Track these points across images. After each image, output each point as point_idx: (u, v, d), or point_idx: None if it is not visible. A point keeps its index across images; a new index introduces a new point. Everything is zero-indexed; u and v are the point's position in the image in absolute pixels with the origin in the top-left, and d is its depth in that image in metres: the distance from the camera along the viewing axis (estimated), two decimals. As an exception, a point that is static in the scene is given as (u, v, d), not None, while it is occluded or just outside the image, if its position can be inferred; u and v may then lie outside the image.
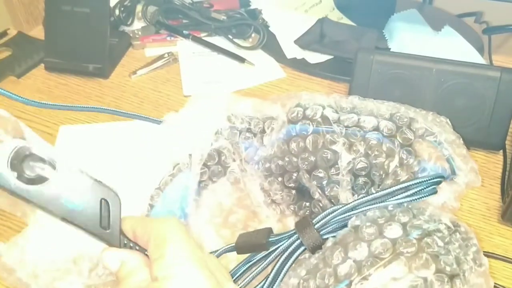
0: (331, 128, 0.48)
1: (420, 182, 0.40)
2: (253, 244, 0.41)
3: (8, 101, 0.71)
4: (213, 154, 0.51)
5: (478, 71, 0.62)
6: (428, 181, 0.40)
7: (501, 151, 0.64)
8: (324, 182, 0.48)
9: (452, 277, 0.35)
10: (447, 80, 0.62)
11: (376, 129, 0.47)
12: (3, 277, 0.42)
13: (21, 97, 0.54)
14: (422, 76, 0.63)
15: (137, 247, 0.35)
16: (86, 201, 0.34)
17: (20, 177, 0.32)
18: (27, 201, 0.33)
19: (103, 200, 0.35)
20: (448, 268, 0.35)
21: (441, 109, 0.62)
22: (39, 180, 0.33)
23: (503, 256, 0.52)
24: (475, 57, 0.75)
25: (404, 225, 0.38)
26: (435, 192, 0.41)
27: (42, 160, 0.34)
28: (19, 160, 0.33)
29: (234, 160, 0.53)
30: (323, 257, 0.38)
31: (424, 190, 0.40)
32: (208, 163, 0.52)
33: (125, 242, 0.35)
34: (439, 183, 0.40)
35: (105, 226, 0.34)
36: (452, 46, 0.77)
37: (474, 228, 0.55)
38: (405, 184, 0.40)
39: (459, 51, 0.76)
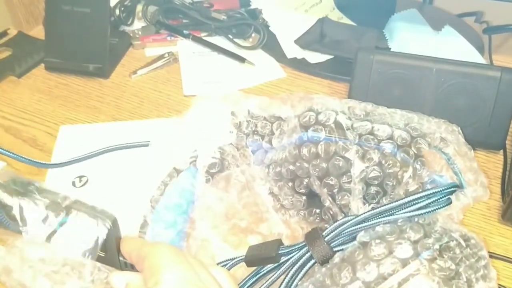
0: (344, 138, 0.47)
1: (434, 193, 0.38)
2: (263, 257, 0.41)
3: (8, 100, 0.72)
4: (216, 161, 0.51)
5: (478, 71, 0.62)
6: (443, 191, 0.38)
7: (502, 151, 0.64)
8: (335, 190, 0.47)
9: None
10: (448, 80, 0.62)
11: (391, 138, 0.46)
12: (2, 281, 0.42)
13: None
14: (422, 76, 0.63)
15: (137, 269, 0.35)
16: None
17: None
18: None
19: (98, 226, 0.35)
20: None
21: (441, 109, 0.62)
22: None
23: (503, 256, 0.52)
24: (475, 57, 0.75)
25: (414, 244, 0.36)
26: (450, 203, 0.39)
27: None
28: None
29: (237, 166, 0.52)
30: (331, 274, 0.38)
31: (439, 201, 0.38)
32: (211, 171, 0.51)
33: (125, 262, 0.35)
34: (452, 193, 0.39)
35: (102, 250, 0.35)
36: (452, 46, 0.77)
37: (474, 228, 0.55)
38: (419, 195, 0.38)
39: (459, 51, 0.76)
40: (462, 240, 0.38)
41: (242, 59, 0.78)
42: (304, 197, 0.51)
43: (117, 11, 0.84)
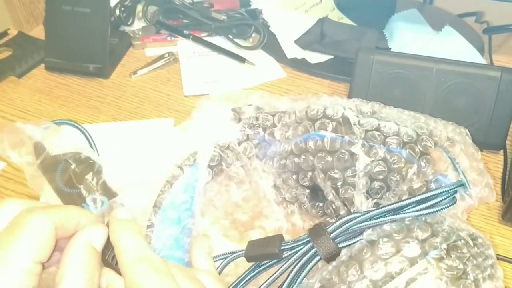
0: (351, 133, 0.47)
1: (441, 193, 0.38)
2: (264, 253, 0.41)
3: (8, 100, 0.72)
4: (216, 155, 0.51)
5: (478, 71, 0.62)
6: (449, 191, 0.38)
7: (502, 151, 0.64)
8: (339, 184, 0.47)
9: None
10: (448, 80, 0.62)
11: (397, 134, 0.47)
12: None
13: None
14: (422, 76, 0.63)
15: None
16: None
17: None
18: None
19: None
20: None
21: (442, 109, 0.62)
22: None
23: (503, 256, 0.52)
24: (476, 57, 0.75)
25: (422, 243, 0.37)
26: (455, 202, 0.39)
27: None
28: None
29: (238, 160, 0.52)
30: (338, 272, 0.38)
31: (444, 200, 0.39)
32: (211, 165, 0.51)
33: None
34: (457, 191, 0.39)
35: None
36: (453, 46, 0.77)
37: (475, 228, 0.55)
38: (426, 195, 0.38)
39: (459, 51, 0.76)
40: (469, 239, 0.38)
41: (242, 59, 0.78)
42: (307, 190, 0.51)
43: (117, 11, 0.84)
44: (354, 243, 0.39)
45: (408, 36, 0.79)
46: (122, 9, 0.85)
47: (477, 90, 0.61)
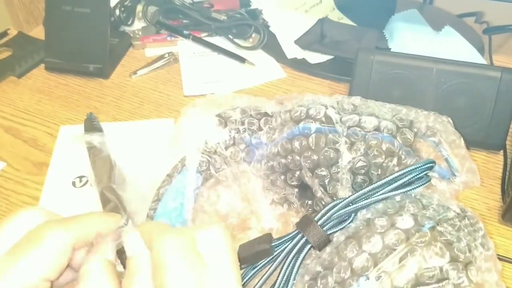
0: (334, 127, 0.48)
1: (412, 170, 0.40)
2: (256, 252, 0.41)
3: (8, 100, 0.72)
4: (204, 161, 0.51)
5: (478, 71, 0.62)
6: (421, 168, 0.40)
7: (502, 151, 0.64)
8: (326, 180, 0.48)
9: (466, 264, 0.36)
10: (448, 80, 0.62)
11: (377, 129, 0.48)
12: None
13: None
14: (422, 76, 0.63)
15: None
16: None
17: None
18: None
19: None
20: (462, 256, 0.36)
21: (442, 109, 0.62)
22: None
23: (503, 256, 0.52)
24: (476, 57, 0.75)
25: (414, 216, 0.38)
26: (430, 180, 0.41)
27: None
28: None
29: (226, 163, 0.53)
30: (337, 252, 0.39)
31: (418, 178, 0.40)
32: (200, 170, 0.52)
33: None
34: (430, 168, 0.41)
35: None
36: (453, 46, 0.77)
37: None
38: (399, 173, 0.40)
39: (459, 51, 0.76)
40: (459, 210, 0.40)
41: (242, 60, 0.78)
42: (296, 190, 0.51)
43: (117, 11, 0.84)
44: (341, 228, 0.41)
45: (408, 36, 0.79)
46: (122, 9, 0.85)
47: (477, 90, 0.61)
